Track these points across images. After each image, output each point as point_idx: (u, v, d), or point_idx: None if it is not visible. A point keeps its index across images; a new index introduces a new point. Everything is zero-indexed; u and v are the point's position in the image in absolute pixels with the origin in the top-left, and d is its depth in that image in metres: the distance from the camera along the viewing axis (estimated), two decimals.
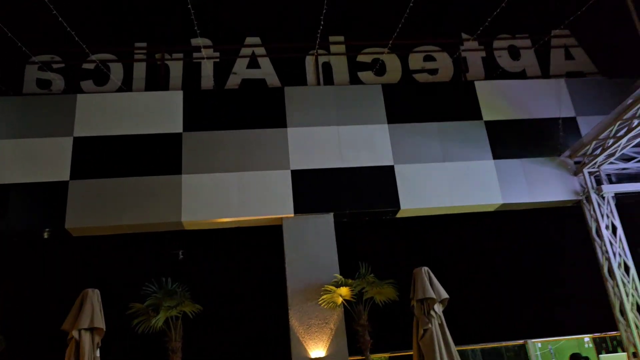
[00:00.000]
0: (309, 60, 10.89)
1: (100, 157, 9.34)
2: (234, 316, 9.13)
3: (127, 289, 8.51)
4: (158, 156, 9.43)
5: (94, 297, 6.95)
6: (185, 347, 8.33)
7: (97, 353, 6.82)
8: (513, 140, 10.14)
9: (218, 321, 9.00)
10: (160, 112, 9.82)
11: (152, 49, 10.72)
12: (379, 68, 10.84)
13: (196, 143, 9.59)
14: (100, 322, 6.79)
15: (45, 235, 9.16)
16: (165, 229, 9.35)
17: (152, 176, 9.26)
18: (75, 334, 6.65)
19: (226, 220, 9.22)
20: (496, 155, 9.95)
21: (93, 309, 6.84)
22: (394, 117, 10.11)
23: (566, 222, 10.12)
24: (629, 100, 8.27)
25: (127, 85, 10.27)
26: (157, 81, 10.45)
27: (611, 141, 9.01)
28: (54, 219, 8.85)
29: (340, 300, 8.58)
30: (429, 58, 11.22)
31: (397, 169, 9.70)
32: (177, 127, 9.72)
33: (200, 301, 8.53)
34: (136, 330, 7.97)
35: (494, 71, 11.17)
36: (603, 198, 9.61)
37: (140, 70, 10.52)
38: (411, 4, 8.68)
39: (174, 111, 9.85)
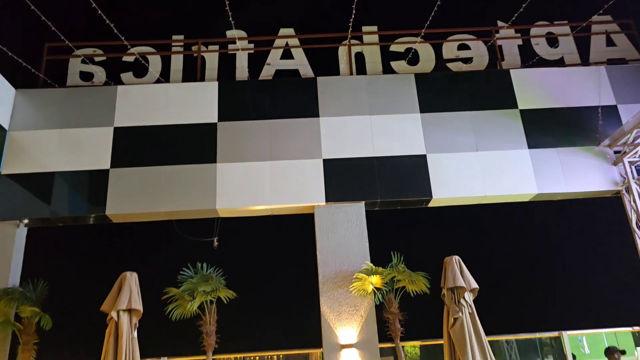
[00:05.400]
0: (342, 51, 10.92)
1: (138, 146, 9.67)
2: (267, 302, 9.32)
3: (163, 274, 8.80)
4: (194, 145, 9.69)
5: (131, 280, 7.24)
6: (219, 330, 8.55)
7: (135, 333, 7.10)
8: (549, 129, 9.93)
9: (251, 307, 9.21)
10: (196, 103, 10.08)
11: (188, 41, 10.99)
12: (412, 57, 10.78)
13: (230, 132, 9.80)
14: (137, 304, 7.08)
15: (88, 221, 9.56)
16: (200, 216, 9.61)
17: (188, 164, 9.53)
18: (114, 314, 6.96)
19: (259, 208, 9.41)
20: (531, 145, 9.78)
21: (131, 291, 7.13)
22: (426, 106, 10.07)
23: (603, 213, 9.87)
24: None
25: (164, 77, 10.56)
26: (193, 73, 10.69)
27: None
28: (96, 205, 9.23)
29: (370, 288, 8.64)
30: (463, 47, 11.08)
31: (429, 158, 9.66)
32: (212, 117, 9.95)
33: (234, 287, 8.73)
34: (170, 316, 8.24)
35: (530, 59, 10.93)
36: None
37: (177, 62, 10.79)
38: None
39: (210, 101, 10.09)
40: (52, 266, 9.41)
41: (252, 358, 9.16)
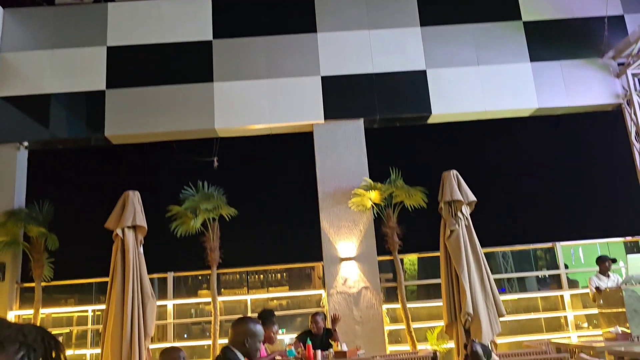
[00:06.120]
0: None
1: (134, 65, 9.50)
2: (268, 219, 9.53)
3: (165, 193, 8.92)
4: (190, 64, 9.51)
5: (134, 198, 7.34)
6: (223, 246, 8.80)
7: (141, 250, 7.32)
8: (553, 41, 9.66)
9: (253, 224, 9.43)
10: (190, 19, 9.78)
11: None
12: None
13: (226, 50, 9.58)
14: (142, 221, 7.21)
15: (89, 143, 9.57)
16: (200, 136, 9.61)
17: (185, 84, 9.40)
18: (119, 231, 7.14)
19: (258, 126, 9.38)
20: (534, 57, 9.56)
21: (135, 208, 7.27)
22: (427, 19, 9.75)
23: (601, 128, 9.86)
24: None
25: None
26: None
27: None
28: (94, 127, 9.21)
29: (369, 203, 8.79)
30: None
31: (429, 73, 9.49)
32: (207, 34, 9.69)
33: (236, 205, 8.86)
34: (175, 233, 8.44)
35: None
36: None
37: None
38: None
39: (204, 18, 9.78)
40: (56, 188, 9.55)
41: (255, 272, 9.51)
